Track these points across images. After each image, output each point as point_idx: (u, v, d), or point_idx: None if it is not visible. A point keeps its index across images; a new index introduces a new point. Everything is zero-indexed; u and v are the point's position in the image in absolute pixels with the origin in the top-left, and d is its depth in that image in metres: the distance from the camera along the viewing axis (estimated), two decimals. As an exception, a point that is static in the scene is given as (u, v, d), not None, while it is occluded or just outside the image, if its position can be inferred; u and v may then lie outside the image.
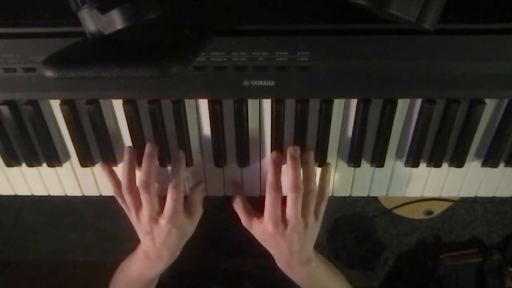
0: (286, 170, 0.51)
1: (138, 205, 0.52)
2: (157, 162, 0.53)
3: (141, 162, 0.52)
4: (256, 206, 0.57)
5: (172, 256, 0.57)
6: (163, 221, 0.51)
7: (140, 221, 0.52)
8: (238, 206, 0.56)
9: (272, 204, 0.51)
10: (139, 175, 0.52)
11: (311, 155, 0.52)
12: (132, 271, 0.59)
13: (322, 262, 0.58)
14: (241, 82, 0.45)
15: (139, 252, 0.57)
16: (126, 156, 0.52)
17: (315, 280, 0.58)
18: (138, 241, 0.58)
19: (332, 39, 0.43)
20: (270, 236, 0.53)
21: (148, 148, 0.51)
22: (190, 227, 0.56)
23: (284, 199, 0.52)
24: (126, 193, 0.51)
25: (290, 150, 0.51)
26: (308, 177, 0.52)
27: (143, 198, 0.50)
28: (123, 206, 0.54)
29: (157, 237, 0.53)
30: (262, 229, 0.53)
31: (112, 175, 0.55)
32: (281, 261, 0.56)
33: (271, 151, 0.53)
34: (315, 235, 0.55)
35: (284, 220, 0.51)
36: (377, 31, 0.43)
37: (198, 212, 0.56)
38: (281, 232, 0.51)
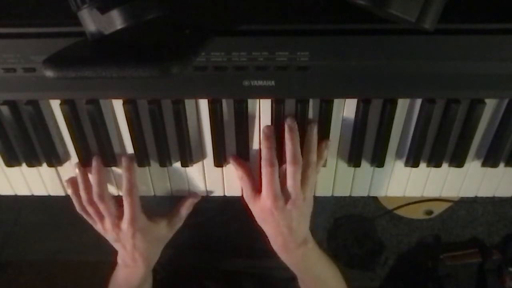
0: (285, 143, 0.50)
1: (100, 216, 0.55)
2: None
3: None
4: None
5: (148, 259, 0.59)
6: (124, 225, 0.54)
7: (106, 230, 0.56)
8: (241, 177, 0.54)
9: (269, 179, 0.49)
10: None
11: (314, 127, 0.50)
12: (119, 280, 0.61)
13: (318, 247, 0.58)
14: (241, 82, 0.45)
15: (119, 261, 0.60)
16: (79, 172, 0.54)
17: (310, 264, 0.57)
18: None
19: (332, 39, 0.43)
20: (269, 213, 0.51)
21: (94, 162, 0.53)
22: (165, 232, 0.59)
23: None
24: (87, 205, 0.55)
25: (288, 122, 0.49)
26: (309, 149, 0.50)
27: (102, 208, 0.54)
28: (88, 219, 0.57)
29: (125, 242, 0.56)
30: (260, 206, 0.52)
31: (76, 192, 0.56)
32: (278, 241, 0.54)
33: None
34: (311, 210, 0.54)
35: (283, 195, 0.50)
36: (377, 31, 0.43)
37: (178, 224, 0.60)
38: (280, 207, 0.50)
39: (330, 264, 0.60)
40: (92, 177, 0.54)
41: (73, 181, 0.56)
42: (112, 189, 0.58)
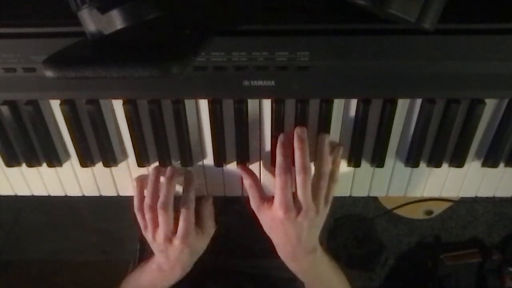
0: (294, 152, 0.50)
1: (155, 223, 0.54)
2: (176, 182, 0.54)
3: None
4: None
5: (184, 270, 0.58)
6: (177, 241, 0.54)
7: (156, 240, 0.55)
8: (249, 186, 0.54)
9: (282, 188, 0.49)
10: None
11: (326, 138, 0.50)
12: (143, 282, 0.60)
13: (325, 254, 0.58)
14: (241, 82, 0.45)
15: (153, 265, 0.58)
16: (152, 176, 0.54)
17: (317, 272, 0.57)
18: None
19: (332, 39, 0.43)
20: (280, 224, 0.51)
21: (169, 171, 0.53)
22: (202, 244, 0.58)
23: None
24: (147, 210, 0.53)
25: (297, 131, 0.49)
26: (321, 161, 0.50)
27: (161, 218, 0.52)
28: (141, 222, 0.56)
29: (171, 254, 0.55)
30: (271, 215, 0.51)
31: (141, 192, 0.55)
32: (286, 250, 0.54)
33: (271, 151, 0.53)
34: (323, 222, 0.54)
35: (295, 205, 0.50)
36: (377, 31, 0.43)
37: (211, 229, 0.58)
38: (292, 219, 0.50)
39: (337, 270, 0.60)
40: (163, 186, 0.53)
41: (142, 180, 0.55)
42: (113, 190, 0.58)
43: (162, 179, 0.54)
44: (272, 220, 0.52)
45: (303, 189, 0.49)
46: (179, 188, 0.56)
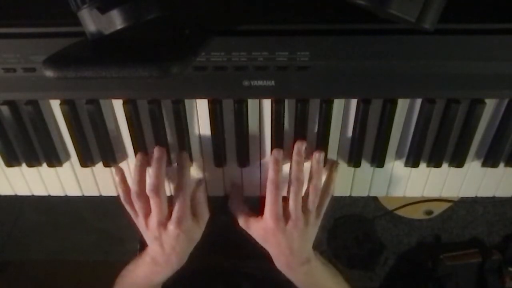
0: (291, 164, 0.51)
1: (147, 211, 0.52)
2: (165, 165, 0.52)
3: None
4: (253, 207, 0.57)
5: (180, 261, 0.56)
6: (171, 226, 0.51)
7: (149, 227, 0.52)
8: (234, 207, 0.57)
9: (273, 201, 0.51)
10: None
11: (320, 155, 0.52)
12: (138, 276, 0.58)
13: (321, 262, 0.58)
14: (241, 82, 0.45)
15: (147, 257, 0.56)
16: (137, 161, 0.52)
17: (313, 281, 0.58)
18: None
19: (332, 39, 0.43)
20: (271, 234, 0.52)
21: (157, 152, 0.51)
22: (198, 231, 0.56)
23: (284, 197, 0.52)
24: (135, 198, 0.51)
25: (297, 145, 0.51)
26: (315, 175, 0.52)
27: (153, 202, 0.50)
28: (130, 212, 0.54)
29: (165, 242, 0.52)
30: (262, 227, 0.53)
31: (123, 181, 0.55)
32: (281, 261, 0.55)
33: (271, 151, 0.53)
34: (315, 234, 0.55)
35: (285, 216, 0.51)
36: (377, 31, 0.43)
37: (205, 215, 0.56)
38: (282, 228, 0.51)
39: (335, 276, 0.61)
40: (152, 168, 0.50)
41: (121, 169, 0.54)
42: (113, 190, 0.58)
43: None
44: (264, 231, 0.53)
45: (294, 200, 0.51)
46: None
